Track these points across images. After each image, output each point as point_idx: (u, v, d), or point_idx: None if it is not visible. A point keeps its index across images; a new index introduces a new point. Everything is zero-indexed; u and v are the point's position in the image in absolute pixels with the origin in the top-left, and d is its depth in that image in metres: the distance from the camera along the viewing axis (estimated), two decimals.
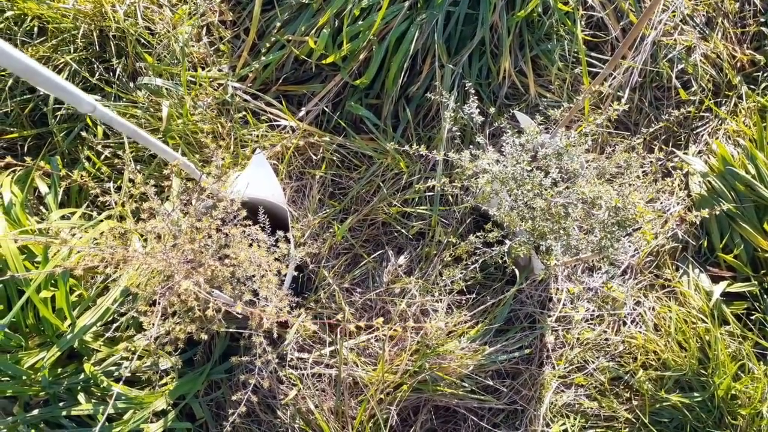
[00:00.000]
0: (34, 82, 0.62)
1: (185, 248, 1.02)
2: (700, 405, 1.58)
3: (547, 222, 1.23)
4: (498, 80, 1.80)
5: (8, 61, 0.58)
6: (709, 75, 1.93)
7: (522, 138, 1.22)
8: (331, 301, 1.66)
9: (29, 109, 1.68)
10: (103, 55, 1.72)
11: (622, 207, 1.06)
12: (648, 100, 1.91)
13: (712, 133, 1.91)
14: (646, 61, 1.87)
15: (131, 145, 1.64)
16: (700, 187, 1.80)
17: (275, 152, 1.73)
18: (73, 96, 0.69)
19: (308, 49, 1.71)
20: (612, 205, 1.07)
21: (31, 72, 0.61)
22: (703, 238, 1.78)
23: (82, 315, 1.39)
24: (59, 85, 0.66)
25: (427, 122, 1.82)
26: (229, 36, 1.82)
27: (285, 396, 1.55)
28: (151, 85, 1.67)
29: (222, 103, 1.73)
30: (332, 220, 1.72)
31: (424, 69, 1.75)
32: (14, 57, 0.58)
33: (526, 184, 1.16)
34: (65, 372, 1.41)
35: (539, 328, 1.65)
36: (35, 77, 0.62)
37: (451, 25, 1.73)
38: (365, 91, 1.81)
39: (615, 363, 1.66)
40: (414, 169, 1.73)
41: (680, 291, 1.71)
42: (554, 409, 1.61)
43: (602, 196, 1.08)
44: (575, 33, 1.80)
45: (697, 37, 1.95)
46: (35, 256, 1.40)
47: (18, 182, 1.53)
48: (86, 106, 0.72)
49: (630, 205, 1.07)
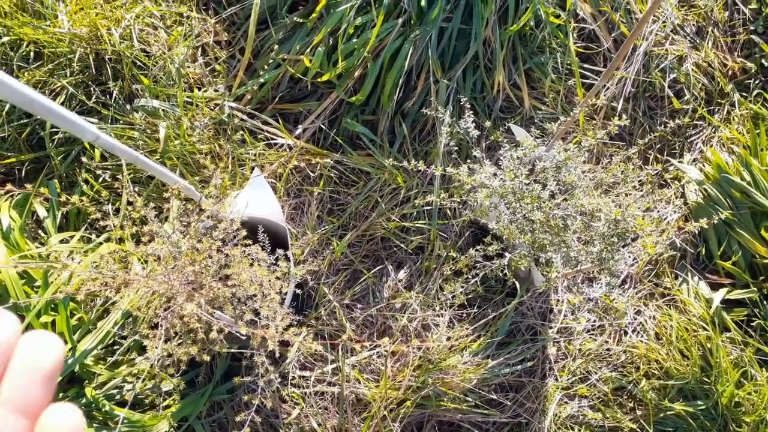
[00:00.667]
0: (38, 113, 0.63)
1: (186, 270, 1.02)
2: (704, 413, 1.58)
3: (546, 234, 1.23)
4: (492, 94, 1.81)
5: (11, 94, 0.58)
6: (701, 84, 1.95)
7: (519, 152, 1.23)
8: (332, 318, 1.66)
9: (26, 134, 1.69)
10: (100, 78, 1.73)
11: (621, 219, 1.07)
12: (642, 110, 1.92)
13: (706, 141, 1.92)
14: (639, 72, 1.89)
15: (129, 167, 1.65)
16: (696, 195, 1.82)
17: (273, 170, 1.73)
18: (77, 126, 0.70)
19: (303, 68, 1.73)
20: (612, 218, 1.07)
21: (35, 104, 0.61)
22: (701, 245, 1.78)
23: (82, 339, 1.38)
24: (63, 115, 0.67)
25: (423, 137, 1.82)
26: (224, 56, 1.83)
27: (288, 415, 1.54)
28: (147, 106, 1.68)
29: (219, 123, 1.73)
30: (331, 236, 1.72)
31: (419, 84, 1.76)
32: (17, 90, 0.58)
33: (525, 197, 1.16)
34: (66, 397, 1.40)
35: (541, 340, 1.65)
36: (39, 109, 0.62)
37: (445, 41, 1.75)
38: (361, 108, 1.82)
39: (617, 373, 1.66)
40: (411, 183, 1.74)
41: (680, 299, 1.71)
42: (558, 421, 1.60)
43: (601, 208, 1.08)
44: (568, 45, 1.82)
45: (688, 46, 1.97)
46: (35, 280, 1.40)
47: (16, 207, 1.53)
48: (89, 135, 0.72)
49: (629, 217, 1.08)
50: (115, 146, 0.79)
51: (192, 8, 1.83)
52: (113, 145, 0.78)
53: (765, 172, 1.73)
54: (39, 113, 0.63)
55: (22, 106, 0.60)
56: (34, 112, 0.63)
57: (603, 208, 1.08)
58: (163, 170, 0.93)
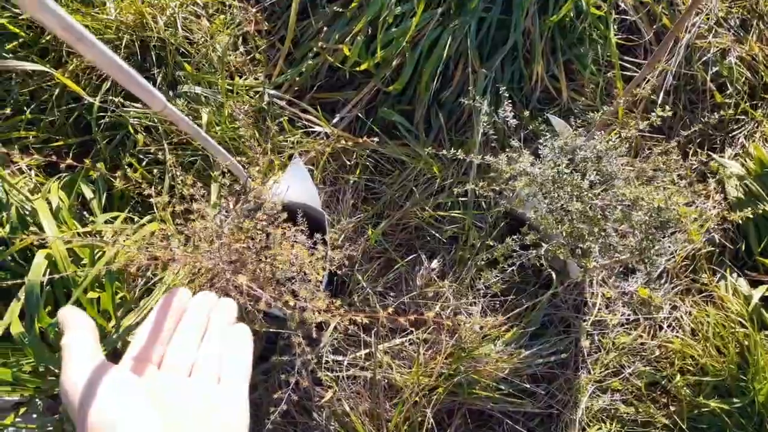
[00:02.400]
0: (116, 77, 0.67)
1: (232, 247, 1.05)
2: (740, 411, 1.56)
3: (584, 224, 1.23)
4: (530, 85, 1.80)
5: (100, 58, 0.62)
6: (744, 77, 1.92)
7: (560, 141, 1.23)
8: (365, 304, 1.68)
9: (74, 118, 1.74)
10: (144, 64, 1.77)
11: (665, 207, 1.06)
12: (683, 103, 1.90)
13: (749, 136, 1.89)
14: (681, 64, 1.86)
15: (171, 151, 1.69)
16: (737, 190, 1.78)
17: (310, 158, 1.76)
18: (149, 93, 0.73)
19: (342, 57, 1.74)
20: (654, 206, 1.07)
21: (117, 67, 0.66)
22: (741, 242, 1.75)
23: (125, 316, 1.43)
24: (138, 81, 0.71)
25: (459, 127, 1.83)
26: (264, 45, 1.86)
27: (321, 398, 1.57)
28: (190, 93, 1.72)
29: (259, 111, 1.76)
30: (366, 224, 1.74)
31: (457, 75, 1.77)
32: (106, 54, 0.63)
33: (565, 186, 1.16)
34: None
35: (574, 333, 1.65)
36: (118, 73, 0.67)
37: (484, 31, 1.75)
38: (398, 98, 1.83)
39: (651, 368, 1.64)
40: (447, 173, 1.75)
41: (718, 295, 1.69)
42: (590, 413, 1.60)
43: (643, 197, 1.08)
44: (608, 37, 1.80)
45: (732, 39, 1.93)
46: (81, 259, 1.45)
47: (64, 188, 1.58)
48: (158, 104, 0.76)
49: (673, 205, 1.07)
50: (180, 118, 0.82)
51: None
52: (178, 116, 0.81)
53: None
54: (120, 79, 0.67)
55: (105, 68, 0.64)
56: (113, 75, 0.67)
57: (645, 197, 1.08)
58: (217, 146, 0.96)
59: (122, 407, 0.41)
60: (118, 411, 0.40)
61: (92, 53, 0.61)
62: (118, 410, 0.40)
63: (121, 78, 0.68)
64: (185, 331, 0.51)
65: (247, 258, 1.11)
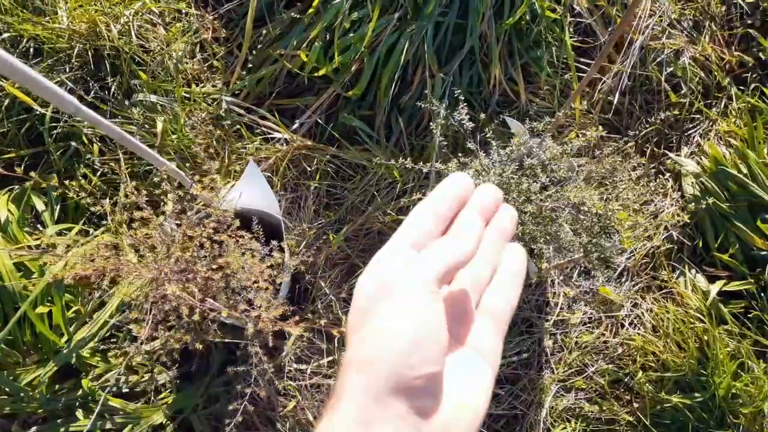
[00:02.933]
0: (20, 81, 0.64)
1: (177, 255, 1.03)
2: (702, 405, 1.58)
3: (537, 226, 1.23)
4: (489, 88, 1.81)
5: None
6: (698, 77, 1.95)
7: (507, 148, 1.23)
8: (328, 311, 1.66)
9: (26, 129, 1.70)
10: (98, 73, 1.74)
11: (603, 214, 1.07)
12: (638, 103, 1.92)
13: (704, 135, 1.92)
14: (636, 65, 1.89)
15: (127, 162, 1.66)
16: (693, 188, 1.81)
17: (270, 164, 1.74)
18: (56, 95, 0.71)
19: (300, 63, 1.74)
20: (594, 212, 1.08)
21: (16, 71, 0.63)
22: (698, 238, 1.78)
23: (78, 330, 1.40)
24: (44, 85, 0.68)
25: (420, 131, 1.83)
26: (222, 52, 1.84)
27: (284, 407, 1.55)
28: (145, 101, 1.69)
29: (216, 118, 1.74)
30: (328, 230, 1.73)
31: (415, 79, 1.77)
32: (3, 58, 0.60)
33: (512, 192, 1.17)
34: (63, 388, 1.41)
35: (537, 333, 1.65)
36: (20, 77, 0.64)
37: (441, 35, 1.76)
38: (358, 103, 1.83)
39: (614, 365, 1.65)
40: (408, 177, 1.75)
41: (677, 291, 1.71)
42: (555, 413, 1.60)
43: (586, 201, 1.08)
44: (564, 39, 1.82)
45: (685, 40, 1.97)
46: (32, 273, 1.41)
47: (15, 201, 1.55)
48: (69, 106, 0.74)
49: (610, 212, 1.08)
50: (98, 120, 0.80)
51: (190, 4, 1.84)
52: (94, 118, 0.79)
53: (762, 164, 1.73)
54: (22, 82, 0.65)
55: (6, 74, 0.61)
56: (17, 80, 0.64)
57: (587, 201, 1.08)
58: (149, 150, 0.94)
59: (403, 277, 0.38)
60: (397, 277, 0.38)
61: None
62: (397, 276, 0.38)
63: (27, 83, 0.66)
64: (472, 213, 0.44)
65: (197, 267, 1.09)
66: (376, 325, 0.37)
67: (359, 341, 0.37)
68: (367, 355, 0.36)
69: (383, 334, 0.36)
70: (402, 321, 0.36)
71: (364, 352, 0.36)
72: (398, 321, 0.37)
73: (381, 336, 0.36)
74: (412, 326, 0.36)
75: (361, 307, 0.40)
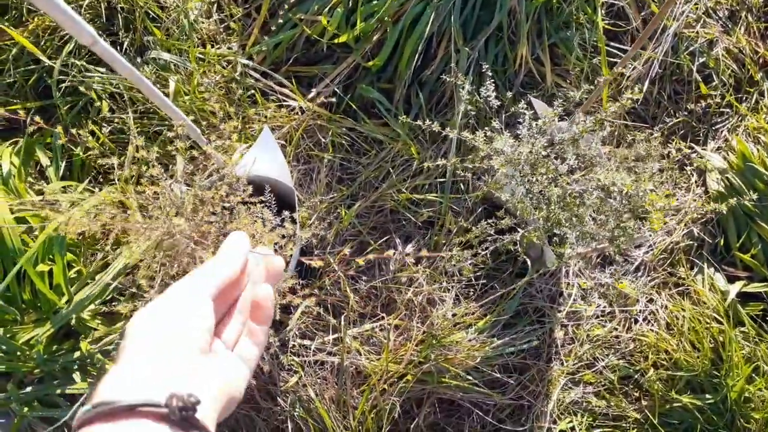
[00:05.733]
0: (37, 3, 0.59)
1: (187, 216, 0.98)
2: (712, 407, 1.54)
3: (561, 210, 1.18)
4: (514, 68, 1.75)
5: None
6: (730, 70, 1.88)
7: (539, 121, 1.17)
8: (335, 288, 1.62)
9: (33, 80, 1.64)
10: (111, 28, 1.68)
11: (634, 193, 1.02)
12: (667, 93, 1.86)
13: (732, 130, 1.86)
14: (667, 53, 1.82)
15: (136, 121, 1.60)
16: (718, 184, 1.75)
17: (283, 133, 1.68)
18: (74, 23, 0.66)
19: (320, 29, 1.67)
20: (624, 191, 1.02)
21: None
22: (720, 236, 1.73)
23: (80, 291, 1.35)
24: (60, 7, 0.63)
25: (440, 108, 1.77)
26: (240, 14, 1.77)
27: (285, 383, 1.51)
28: (159, 59, 1.63)
29: (231, 81, 1.68)
30: (339, 205, 1.68)
31: (439, 53, 1.70)
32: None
33: (540, 168, 1.11)
34: (61, 350, 1.37)
35: (548, 323, 1.61)
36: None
37: (468, 9, 1.69)
38: (377, 74, 1.76)
39: (625, 361, 1.61)
40: (425, 155, 1.69)
41: (694, 290, 1.66)
42: (561, 406, 1.56)
43: (616, 182, 1.03)
44: (595, 21, 1.75)
45: (720, 30, 1.90)
46: (34, 229, 1.37)
47: (18, 154, 1.49)
48: (86, 37, 0.68)
49: (642, 192, 1.02)
50: (115, 57, 0.74)
51: None
52: (112, 55, 0.74)
53: None
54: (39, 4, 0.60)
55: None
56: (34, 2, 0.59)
57: (617, 182, 1.03)
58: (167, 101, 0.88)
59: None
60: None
61: None
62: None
63: (44, 6, 0.60)
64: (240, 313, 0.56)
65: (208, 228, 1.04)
66: None
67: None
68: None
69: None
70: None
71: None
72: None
73: None
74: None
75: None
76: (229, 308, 0.55)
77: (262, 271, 0.58)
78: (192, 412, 0.40)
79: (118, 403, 0.39)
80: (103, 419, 0.39)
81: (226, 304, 0.54)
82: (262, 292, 0.56)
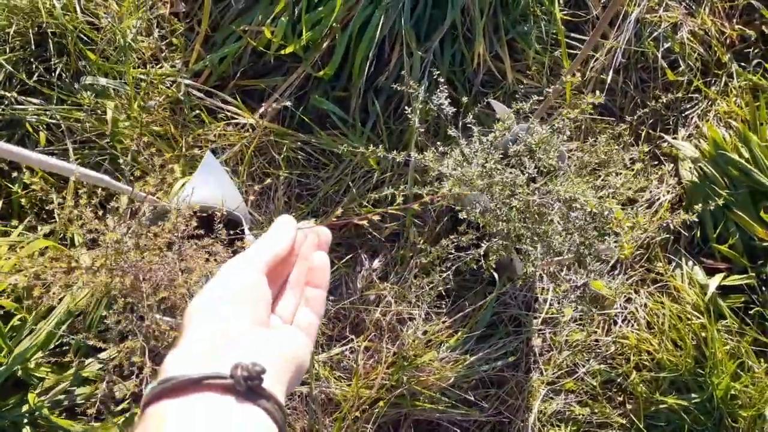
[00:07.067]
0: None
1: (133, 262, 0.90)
2: (698, 407, 1.48)
3: (524, 223, 1.11)
4: (473, 67, 1.67)
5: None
6: (697, 53, 1.82)
7: (490, 135, 1.10)
8: None
9: None
10: (43, 54, 1.58)
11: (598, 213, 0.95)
12: (633, 82, 1.79)
13: (702, 116, 1.80)
14: (630, 41, 1.75)
15: (76, 151, 1.51)
16: (692, 173, 1.70)
17: (235, 152, 1.60)
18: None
19: (266, 40, 1.58)
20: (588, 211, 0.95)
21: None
22: (696, 228, 1.67)
23: (21, 342, 1.27)
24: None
25: (398, 115, 1.69)
26: (182, 29, 1.68)
27: None
28: (95, 85, 1.54)
29: (175, 102, 1.59)
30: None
31: (393, 57, 1.63)
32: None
33: (495, 184, 1.04)
34: (7, 405, 1.29)
35: (525, 331, 1.55)
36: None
37: (420, 9, 1.61)
38: (330, 84, 1.68)
39: (606, 365, 1.55)
40: (386, 166, 1.61)
41: (673, 285, 1.61)
42: (543, 418, 1.50)
43: (578, 198, 0.96)
44: (553, 12, 1.68)
45: (683, 13, 1.83)
46: None
47: None
48: None
49: (606, 211, 0.95)
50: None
51: None
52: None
53: (765, 148, 1.61)
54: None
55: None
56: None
57: (579, 198, 0.96)
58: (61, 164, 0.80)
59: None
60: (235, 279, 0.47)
61: None
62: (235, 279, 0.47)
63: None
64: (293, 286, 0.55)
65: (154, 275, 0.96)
66: None
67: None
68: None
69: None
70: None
71: None
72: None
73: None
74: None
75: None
76: (280, 288, 0.55)
77: (312, 240, 0.58)
78: (258, 381, 0.39)
79: (182, 377, 0.39)
80: (170, 395, 0.39)
81: (278, 283, 0.54)
82: (318, 259, 0.57)
